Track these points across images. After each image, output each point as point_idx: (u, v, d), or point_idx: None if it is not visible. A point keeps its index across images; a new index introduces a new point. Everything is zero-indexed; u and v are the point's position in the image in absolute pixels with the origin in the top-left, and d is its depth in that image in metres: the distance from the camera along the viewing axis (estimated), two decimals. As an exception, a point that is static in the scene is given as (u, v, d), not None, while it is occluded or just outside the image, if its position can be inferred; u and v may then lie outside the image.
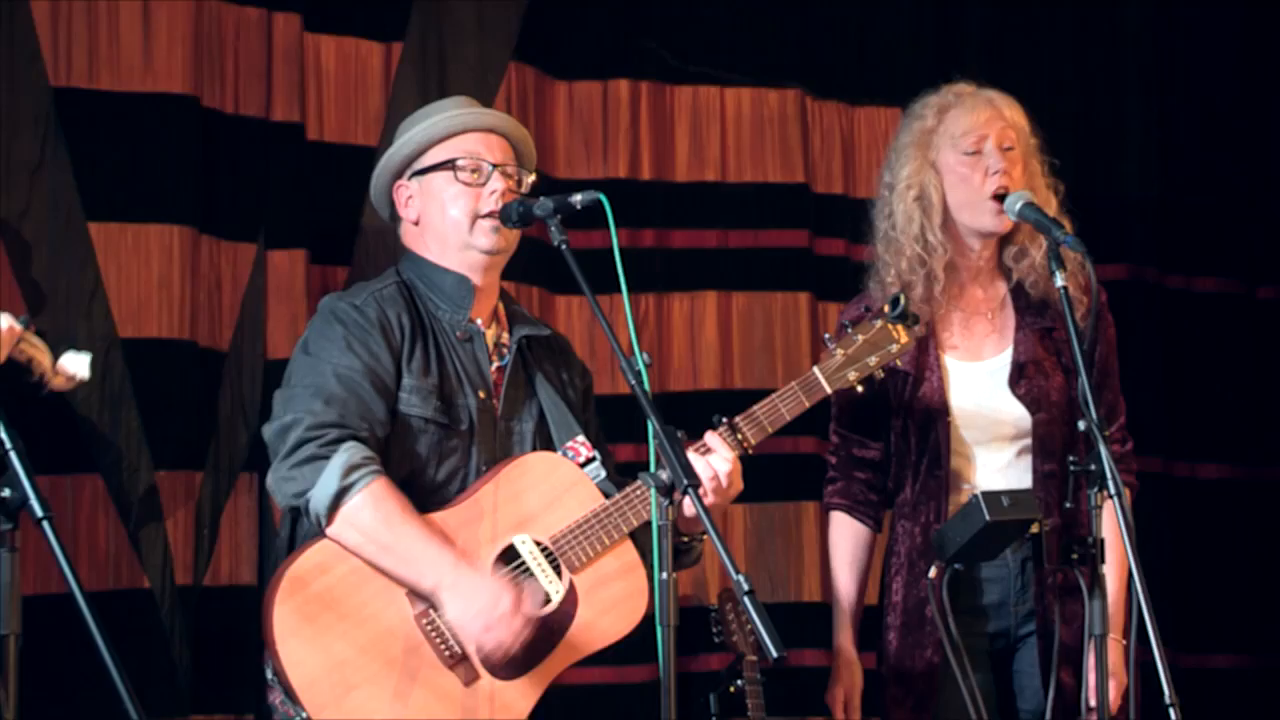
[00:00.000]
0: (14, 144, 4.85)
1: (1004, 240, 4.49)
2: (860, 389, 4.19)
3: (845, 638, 4.57)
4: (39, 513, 3.09)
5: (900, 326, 4.20)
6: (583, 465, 4.08)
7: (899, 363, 4.41)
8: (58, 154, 4.90)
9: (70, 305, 4.88)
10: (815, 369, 4.16)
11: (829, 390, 4.15)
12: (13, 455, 3.11)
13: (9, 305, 4.78)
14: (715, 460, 3.98)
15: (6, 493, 3.13)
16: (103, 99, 4.96)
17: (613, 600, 4.00)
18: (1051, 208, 4.39)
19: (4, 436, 3.11)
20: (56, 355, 3.64)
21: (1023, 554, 4.30)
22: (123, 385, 4.93)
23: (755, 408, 4.10)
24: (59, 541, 3.09)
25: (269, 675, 3.90)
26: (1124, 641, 4.14)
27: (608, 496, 4.04)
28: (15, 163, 4.85)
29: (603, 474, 4.08)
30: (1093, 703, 4.06)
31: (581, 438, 4.12)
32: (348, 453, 3.86)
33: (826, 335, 4.23)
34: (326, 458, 3.86)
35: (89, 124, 4.94)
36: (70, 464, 4.83)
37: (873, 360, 4.18)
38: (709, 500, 3.95)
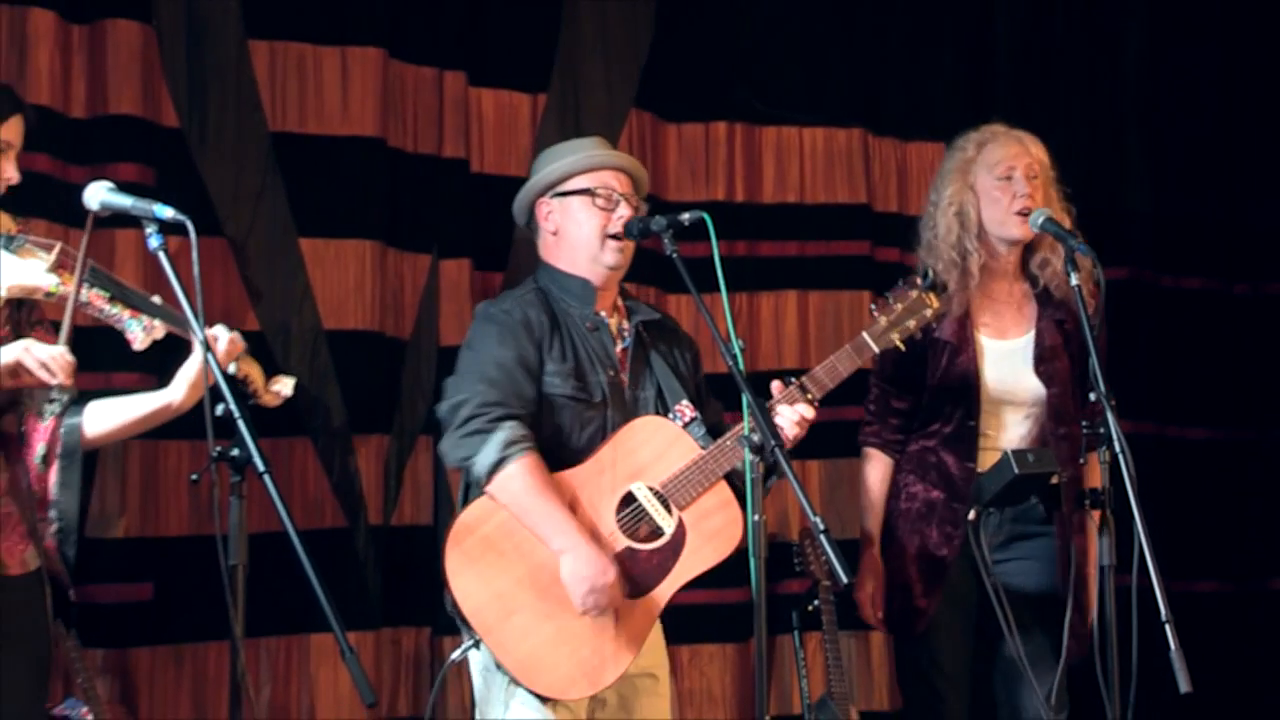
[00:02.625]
0: (241, 176, 4.90)
1: (1029, 250, 4.46)
2: (903, 347, 4.14)
3: (870, 548, 4.52)
4: (261, 467, 3.09)
5: (931, 294, 4.14)
6: (687, 424, 4.06)
7: (944, 335, 4.39)
8: (275, 184, 4.94)
9: (285, 304, 4.92)
10: (864, 333, 4.09)
11: (876, 350, 4.08)
12: (240, 423, 3.11)
13: (238, 305, 4.83)
14: (801, 408, 3.93)
15: (235, 452, 3.13)
16: (310, 140, 5.00)
17: (714, 530, 3.96)
18: (1066, 224, 4.37)
19: (234, 408, 3.12)
20: (268, 376, 3.66)
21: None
22: (327, 367, 4.96)
23: (817, 368, 4.05)
24: (277, 490, 3.10)
25: (449, 607, 3.90)
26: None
27: (703, 448, 4.01)
28: (242, 191, 4.89)
29: (702, 430, 4.05)
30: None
31: (686, 401, 4.09)
32: (507, 430, 3.84)
33: (872, 305, 4.16)
34: (490, 432, 3.84)
35: (300, 160, 4.98)
36: (286, 429, 4.87)
37: (911, 323, 4.11)
38: (795, 433, 3.91)
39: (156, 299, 3.44)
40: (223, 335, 3.50)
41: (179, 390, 3.48)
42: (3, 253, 3.32)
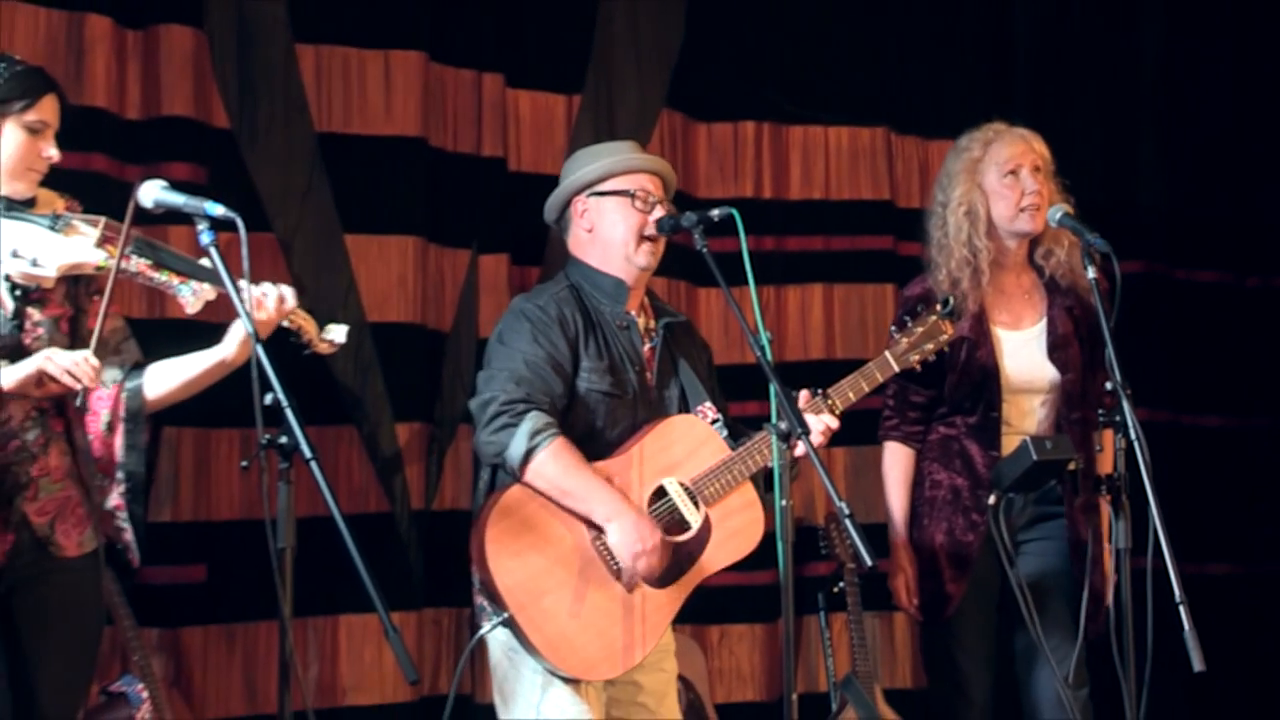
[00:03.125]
0: (289, 176, 4.91)
1: (1034, 242, 4.46)
2: (919, 368, 4.15)
3: (901, 538, 4.51)
4: (308, 454, 3.10)
5: (948, 321, 4.16)
6: (710, 424, 4.06)
7: (962, 331, 4.37)
8: (321, 183, 4.95)
9: (331, 297, 4.93)
10: (886, 353, 4.11)
11: (896, 369, 4.10)
12: (288, 411, 3.12)
13: (285, 298, 4.84)
14: (825, 418, 3.95)
15: (283, 439, 3.13)
16: (354, 140, 5.01)
17: (737, 528, 3.95)
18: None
19: (281, 396, 3.12)
20: (321, 327, 3.64)
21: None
22: (371, 358, 4.97)
23: (842, 381, 4.06)
24: (323, 476, 3.10)
25: (475, 583, 3.90)
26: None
27: (731, 448, 4.01)
28: (289, 190, 4.91)
29: (725, 432, 4.05)
30: (1107, 600, 4.10)
31: (709, 403, 4.08)
32: (532, 420, 3.82)
33: (893, 327, 4.19)
34: (516, 425, 3.82)
35: (345, 159, 4.99)
36: (332, 417, 4.89)
37: (929, 346, 4.14)
38: (819, 441, 3.90)
39: (204, 261, 3.41)
40: (271, 292, 3.48)
41: (231, 346, 3.48)
42: (49, 233, 3.33)
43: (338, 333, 3.63)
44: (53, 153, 3.42)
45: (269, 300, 3.45)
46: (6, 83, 3.35)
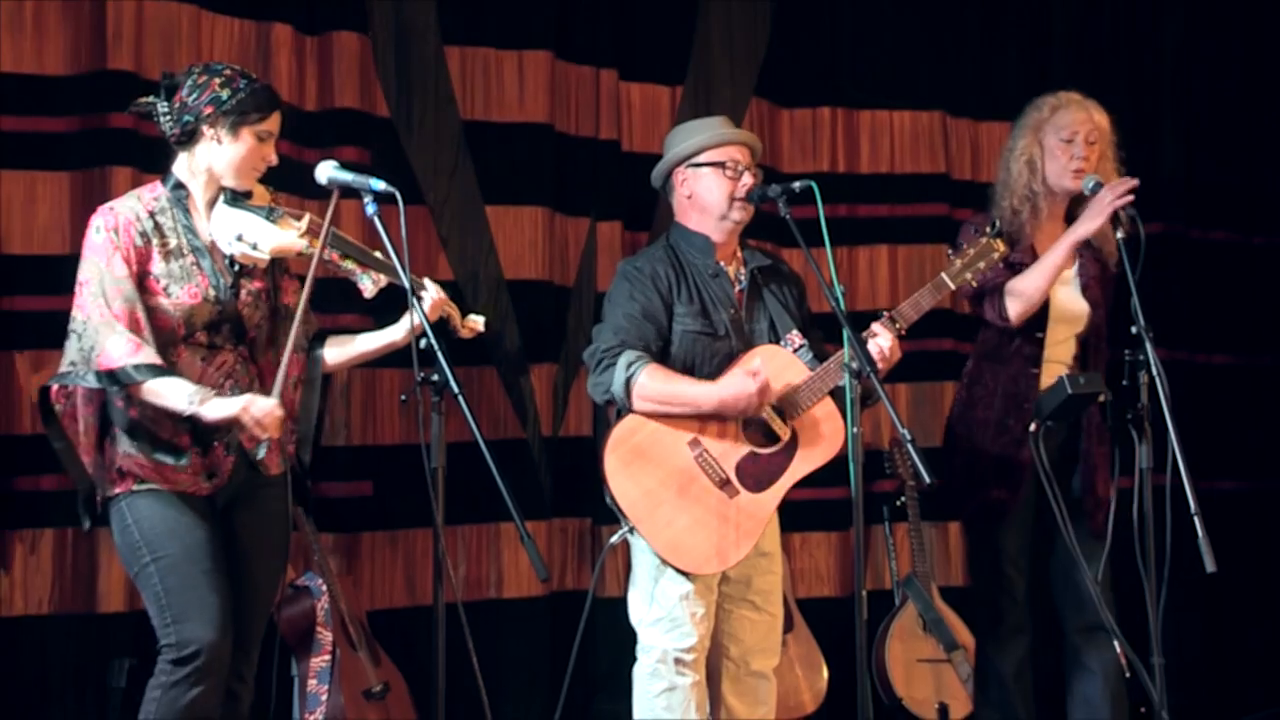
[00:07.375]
0: (438, 157, 4.92)
1: (1075, 202, 4.31)
2: (975, 284, 4.03)
3: None
4: (455, 390, 3.12)
5: (998, 240, 4.01)
6: (795, 350, 4.00)
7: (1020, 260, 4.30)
8: (465, 162, 4.96)
9: (474, 258, 4.96)
10: (942, 274, 3.97)
11: (953, 287, 3.96)
12: (439, 354, 3.14)
13: (436, 262, 4.86)
14: (881, 340, 3.86)
15: (436, 378, 3.17)
16: (493, 126, 5.01)
17: (820, 436, 3.90)
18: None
19: (434, 342, 3.15)
20: (464, 314, 3.68)
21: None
22: (507, 309, 4.99)
23: (903, 303, 3.96)
24: (469, 408, 3.12)
25: (608, 500, 3.90)
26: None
27: (813, 368, 3.96)
28: (439, 169, 4.92)
29: (809, 355, 3.99)
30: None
31: (795, 331, 4.03)
32: (626, 356, 3.82)
33: (949, 250, 4.05)
34: (614, 364, 3.83)
35: (485, 142, 4.99)
36: (476, 359, 4.90)
37: (981, 265, 3.99)
38: (881, 366, 3.80)
39: (379, 254, 3.48)
40: (430, 291, 3.53)
41: (399, 332, 3.54)
42: (266, 222, 3.39)
43: (478, 321, 3.68)
44: (273, 158, 3.46)
45: (426, 302, 3.50)
46: (249, 96, 3.39)
